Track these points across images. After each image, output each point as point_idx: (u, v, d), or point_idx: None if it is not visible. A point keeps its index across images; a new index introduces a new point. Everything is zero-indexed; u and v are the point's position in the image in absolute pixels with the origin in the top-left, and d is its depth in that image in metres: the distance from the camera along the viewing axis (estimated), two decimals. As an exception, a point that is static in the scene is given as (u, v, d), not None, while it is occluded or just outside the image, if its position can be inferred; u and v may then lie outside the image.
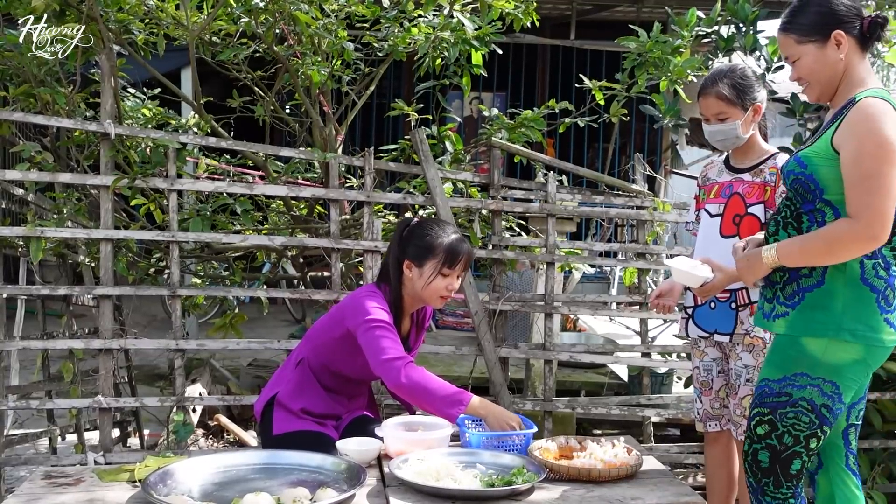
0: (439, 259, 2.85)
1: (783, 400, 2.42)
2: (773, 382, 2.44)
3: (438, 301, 2.91)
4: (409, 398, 2.81)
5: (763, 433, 2.46)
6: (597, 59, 9.21)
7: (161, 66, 4.34)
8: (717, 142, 3.11)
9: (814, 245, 2.36)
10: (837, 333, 2.36)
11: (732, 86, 3.00)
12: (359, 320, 2.79)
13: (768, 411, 2.44)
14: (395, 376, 2.71)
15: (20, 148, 3.63)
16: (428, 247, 2.87)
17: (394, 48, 3.89)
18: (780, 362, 2.45)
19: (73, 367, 4.04)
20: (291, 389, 2.95)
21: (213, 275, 4.52)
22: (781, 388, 2.42)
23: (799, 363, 2.41)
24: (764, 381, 2.48)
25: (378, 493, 2.47)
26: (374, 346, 2.75)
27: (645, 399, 4.09)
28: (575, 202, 4.19)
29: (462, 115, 9.87)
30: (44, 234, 3.52)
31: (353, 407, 3.06)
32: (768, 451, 2.46)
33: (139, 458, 3.19)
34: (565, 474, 2.60)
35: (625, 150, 10.47)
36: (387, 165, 3.94)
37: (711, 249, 3.02)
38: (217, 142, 3.78)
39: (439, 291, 2.87)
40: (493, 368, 3.81)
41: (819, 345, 2.38)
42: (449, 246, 2.86)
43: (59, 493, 2.45)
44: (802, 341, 2.40)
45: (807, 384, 2.39)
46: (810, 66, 2.45)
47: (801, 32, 2.44)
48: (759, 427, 2.47)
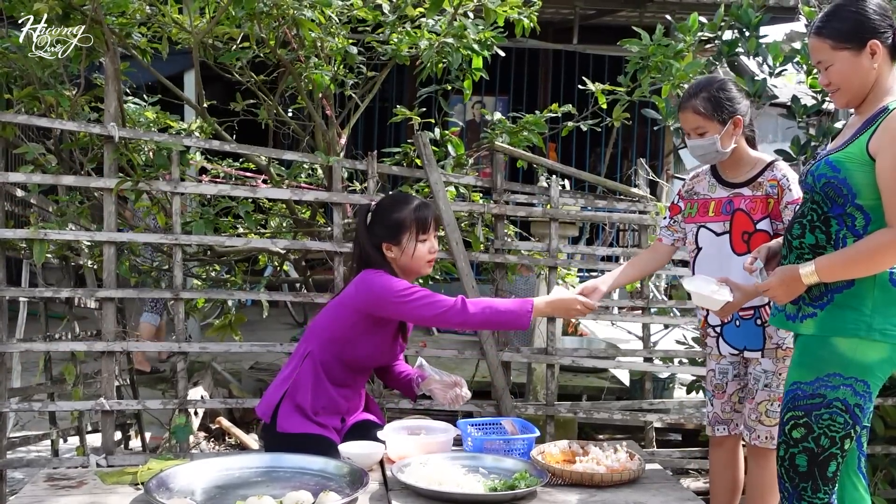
0: (412, 229, 2.96)
1: (818, 402, 2.42)
2: (806, 385, 2.45)
3: (427, 266, 3.02)
4: (484, 325, 3.05)
5: (799, 436, 2.46)
6: (599, 64, 9.23)
7: (164, 69, 4.34)
8: (698, 157, 3.09)
9: (857, 258, 2.36)
10: (868, 333, 2.38)
11: (709, 99, 2.97)
12: (387, 298, 2.83)
13: (803, 414, 2.44)
14: (464, 316, 2.80)
15: (24, 150, 3.63)
16: (397, 223, 2.96)
17: (397, 52, 3.90)
18: (812, 364, 2.45)
19: (76, 370, 4.04)
20: (300, 384, 2.95)
21: (214, 278, 4.52)
22: (815, 390, 2.42)
23: (831, 363, 2.41)
24: (795, 384, 2.48)
25: (381, 497, 2.48)
26: (424, 310, 2.83)
27: (647, 404, 4.09)
28: (577, 206, 4.19)
29: (464, 119, 9.88)
30: (47, 237, 3.52)
31: (355, 404, 3.07)
32: (806, 454, 2.45)
33: (141, 460, 3.20)
34: (568, 479, 2.61)
35: (626, 155, 10.48)
36: (390, 169, 3.94)
37: (730, 267, 2.99)
38: (220, 145, 3.79)
39: (424, 257, 2.99)
40: (496, 372, 3.81)
41: (850, 344, 2.40)
42: (415, 215, 2.98)
43: (62, 495, 2.46)
44: (833, 341, 2.42)
45: (840, 384, 2.40)
46: (844, 73, 2.45)
47: (836, 38, 2.44)
48: (795, 431, 2.46)
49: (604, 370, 5.34)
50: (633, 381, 5.04)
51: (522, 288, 6.05)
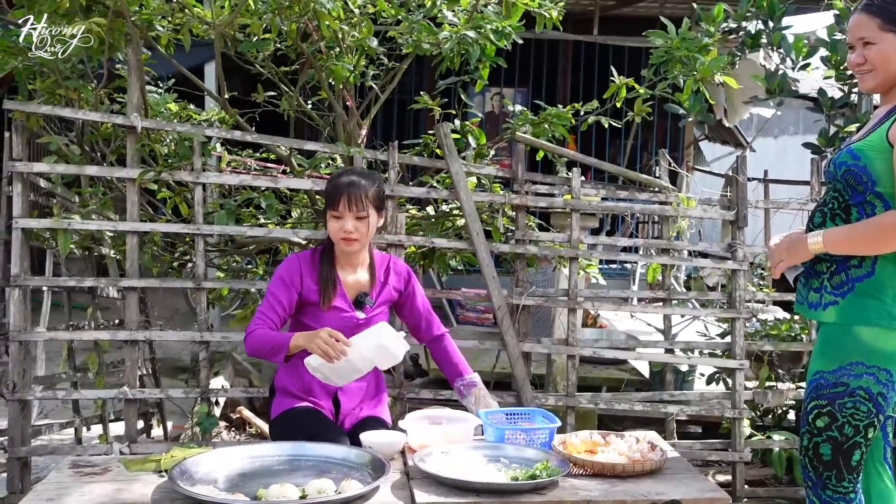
0: (327, 202, 2.96)
1: (841, 390, 2.42)
2: (829, 373, 2.44)
3: (342, 244, 2.95)
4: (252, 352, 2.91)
5: (823, 425, 2.46)
6: (619, 55, 9.16)
7: (185, 61, 4.35)
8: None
9: (862, 232, 2.37)
10: (890, 323, 2.38)
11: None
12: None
13: (826, 403, 2.44)
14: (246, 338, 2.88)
15: (47, 140, 3.66)
16: (325, 193, 3.01)
17: (418, 44, 3.89)
18: (834, 353, 2.45)
19: (99, 359, 4.08)
20: (283, 372, 3.05)
21: (235, 268, 4.54)
22: (838, 379, 2.42)
23: (854, 352, 2.41)
24: (818, 373, 2.48)
25: (402, 486, 2.48)
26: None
27: (668, 395, 4.07)
28: (598, 198, 4.17)
29: (483, 110, 9.86)
30: (71, 227, 3.55)
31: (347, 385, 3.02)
32: (830, 443, 2.45)
33: (164, 448, 3.22)
34: (589, 469, 2.60)
35: (646, 147, 10.43)
36: (411, 160, 3.94)
37: None
38: (242, 135, 3.80)
39: (336, 234, 2.93)
40: (516, 363, 3.81)
41: (871, 333, 2.40)
42: (328, 188, 2.98)
43: (87, 482, 2.48)
44: (855, 330, 2.41)
45: (863, 373, 2.39)
46: (885, 55, 2.43)
47: (888, 19, 2.41)
48: (819, 420, 2.46)
49: (623, 362, 5.31)
50: (653, 372, 5.02)
51: (541, 280, 6.03)
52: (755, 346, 4.17)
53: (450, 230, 4.15)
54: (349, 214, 2.90)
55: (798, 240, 2.51)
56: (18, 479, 3.47)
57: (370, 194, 2.94)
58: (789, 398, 4.21)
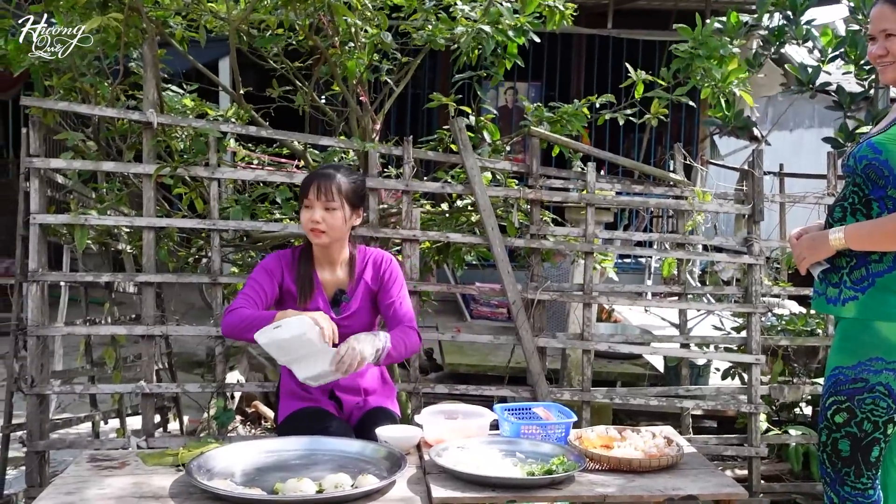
0: (300, 192, 2.97)
1: (860, 386, 2.41)
2: (848, 369, 2.43)
3: (311, 235, 2.92)
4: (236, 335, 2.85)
5: (842, 421, 2.45)
6: (633, 49, 9.13)
7: (199, 56, 4.37)
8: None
9: (885, 228, 2.36)
10: None
11: None
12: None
13: (845, 398, 2.43)
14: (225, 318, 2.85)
15: (64, 136, 3.68)
16: (300, 184, 3.01)
17: (432, 38, 3.89)
18: (854, 348, 2.44)
19: (115, 354, 4.10)
20: (286, 375, 3.05)
21: (250, 263, 4.55)
22: (857, 375, 2.41)
23: (873, 348, 2.40)
24: (837, 368, 2.47)
25: (418, 481, 2.49)
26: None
27: (683, 390, 4.06)
28: (613, 192, 4.16)
29: (496, 104, 9.84)
30: (88, 222, 3.57)
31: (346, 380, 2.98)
32: (849, 439, 2.44)
33: (180, 443, 3.24)
34: (605, 464, 2.60)
35: (661, 141, 10.38)
36: (426, 154, 3.94)
37: None
38: (257, 131, 3.81)
39: (306, 225, 2.91)
40: (532, 358, 3.81)
41: (892, 328, 2.38)
42: (305, 178, 2.99)
43: (106, 475, 2.50)
44: (875, 325, 2.40)
45: (882, 368, 2.38)
46: None
47: None
48: (838, 415, 2.45)
49: (638, 356, 5.30)
50: (668, 367, 5.01)
51: (555, 274, 6.02)
52: (771, 340, 4.15)
53: (464, 225, 4.15)
54: (318, 204, 2.88)
55: (819, 236, 2.49)
56: (37, 473, 3.49)
57: (343, 187, 2.91)
58: (805, 393, 4.19)
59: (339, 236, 2.96)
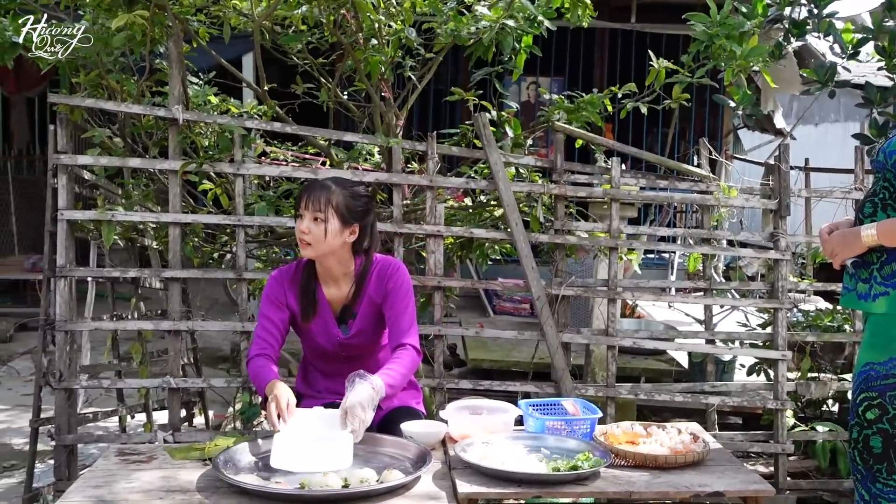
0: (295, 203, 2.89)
1: (891, 382, 2.39)
2: (879, 365, 2.41)
3: (301, 246, 2.81)
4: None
5: (874, 417, 2.42)
6: (657, 43, 9.06)
7: (222, 53, 4.39)
8: None
9: None
10: None
11: None
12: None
13: (877, 395, 2.40)
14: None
15: (91, 133, 3.72)
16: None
17: (456, 34, 3.88)
18: (885, 344, 2.41)
19: (142, 348, 4.14)
20: (300, 378, 3.13)
21: (275, 259, 4.58)
22: (888, 371, 2.39)
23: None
24: (867, 364, 2.44)
25: (443, 476, 2.49)
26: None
27: (709, 386, 4.04)
28: (637, 187, 4.14)
29: (519, 99, 9.82)
30: (114, 218, 3.60)
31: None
32: (881, 435, 2.42)
33: (206, 437, 3.26)
34: (631, 460, 2.59)
35: (684, 135, 10.32)
36: (449, 150, 3.94)
37: None
38: (282, 127, 3.83)
39: (298, 236, 2.81)
40: (556, 353, 3.80)
41: None
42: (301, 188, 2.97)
43: (134, 469, 2.52)
44: None
45: None
46: None
47: None
48: (869, 412, 2.43)
49: (662, 352, 5.28)
50: (692, 363, 4.98)
51: (579, 269, 6.00)
52: (798, 336, 4.11)
53: (488, 220, 4.14)
54: (307, 214, 2.78)
55: (851, 232, 2.46)
56: (65, 467, 3.53)
57: (334, 200, 2.78)
58: (832, 389, 4.15)
59: (326, 250, 2.81)
